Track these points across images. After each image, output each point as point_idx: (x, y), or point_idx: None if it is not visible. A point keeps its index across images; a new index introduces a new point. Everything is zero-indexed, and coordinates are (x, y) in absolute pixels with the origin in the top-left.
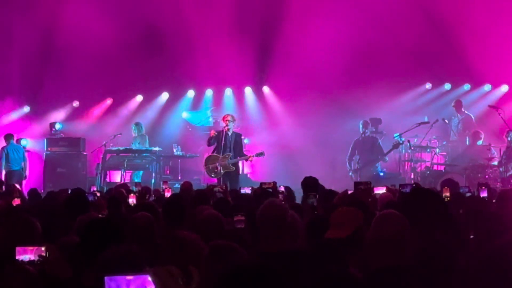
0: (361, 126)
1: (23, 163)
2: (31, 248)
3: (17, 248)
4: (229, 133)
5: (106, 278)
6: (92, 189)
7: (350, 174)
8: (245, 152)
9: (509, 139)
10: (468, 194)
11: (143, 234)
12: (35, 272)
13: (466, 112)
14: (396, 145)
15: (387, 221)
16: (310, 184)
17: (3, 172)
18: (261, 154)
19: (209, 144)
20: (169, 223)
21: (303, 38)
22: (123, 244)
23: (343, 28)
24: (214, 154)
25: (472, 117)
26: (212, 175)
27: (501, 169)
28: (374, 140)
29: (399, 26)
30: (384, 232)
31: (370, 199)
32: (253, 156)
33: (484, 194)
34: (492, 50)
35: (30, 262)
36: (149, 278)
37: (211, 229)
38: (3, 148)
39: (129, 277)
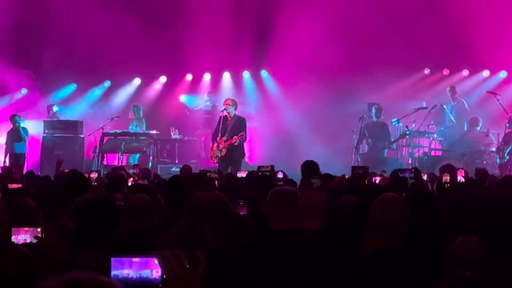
0: (374, 110)
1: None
2: (26, 228)
3: (13, 229)
4: (229, 118)
5: (112, 259)
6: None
7: (358, 158)
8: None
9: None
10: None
11: (141, 216)
12: (29, 253)
13: (459, 98)
14: (403, 135)
15: (386, 204)
16: (310, 167)
17: None
18: (242, 136)
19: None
20: (170, 206)
21: (302, 21)
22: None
23: (343, 13)
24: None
25: (465, 103)
26: (214, 161)
27: (498, 155)
28: (383, 126)
29: (399, 12)
30: (384, 214)
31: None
32: (236, 139)
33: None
34: (491, 36)
35: (26, 244)
36: (156, 261)
37: (215, 210)
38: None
39: (136, 259)
